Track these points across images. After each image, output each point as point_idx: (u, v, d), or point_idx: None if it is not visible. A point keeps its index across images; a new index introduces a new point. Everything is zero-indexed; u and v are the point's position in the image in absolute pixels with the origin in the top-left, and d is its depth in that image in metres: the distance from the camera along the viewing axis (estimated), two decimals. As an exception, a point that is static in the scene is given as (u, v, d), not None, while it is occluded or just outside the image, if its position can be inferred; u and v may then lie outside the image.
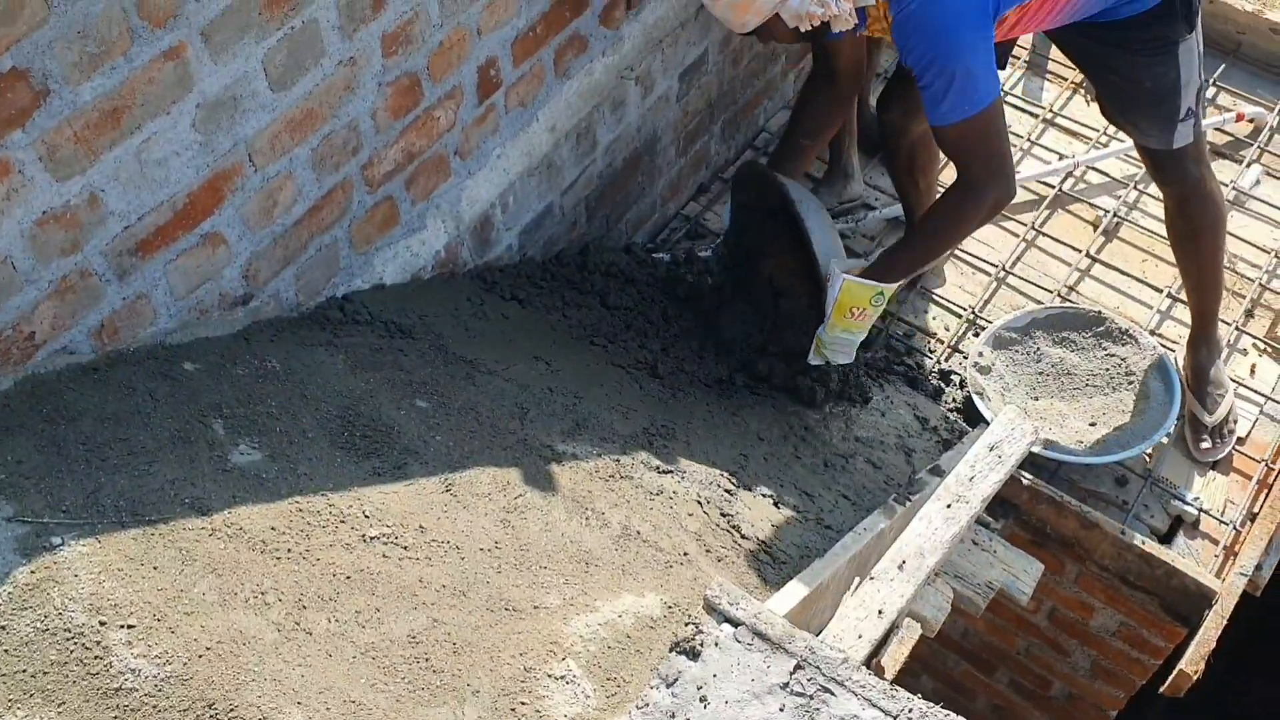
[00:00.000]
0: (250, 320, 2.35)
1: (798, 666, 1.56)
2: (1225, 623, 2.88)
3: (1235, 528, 3.06)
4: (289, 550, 1.81)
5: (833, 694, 1.53)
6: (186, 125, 2.00)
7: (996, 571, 2.76)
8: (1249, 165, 3.78)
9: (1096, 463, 3.06)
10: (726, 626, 1.61)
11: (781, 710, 1.52)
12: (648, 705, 1.55)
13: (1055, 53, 4.12)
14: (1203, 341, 3.16)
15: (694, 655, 1.58)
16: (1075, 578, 3.20)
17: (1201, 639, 2.88)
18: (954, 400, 3.21)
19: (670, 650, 1.59)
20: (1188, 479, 3.15)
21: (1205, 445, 3.15)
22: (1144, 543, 2.94)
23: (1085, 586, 3.21)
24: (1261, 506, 3.08)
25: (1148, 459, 3.17)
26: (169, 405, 2.02)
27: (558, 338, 2.80)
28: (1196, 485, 3.14)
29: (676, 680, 1.56)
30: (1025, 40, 4.16)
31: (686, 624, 1.62)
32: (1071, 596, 3.27)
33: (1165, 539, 3.09)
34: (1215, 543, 3.07)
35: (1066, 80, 4.04)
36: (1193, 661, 2.86)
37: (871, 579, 1.92)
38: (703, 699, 1.54)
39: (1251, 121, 3.87)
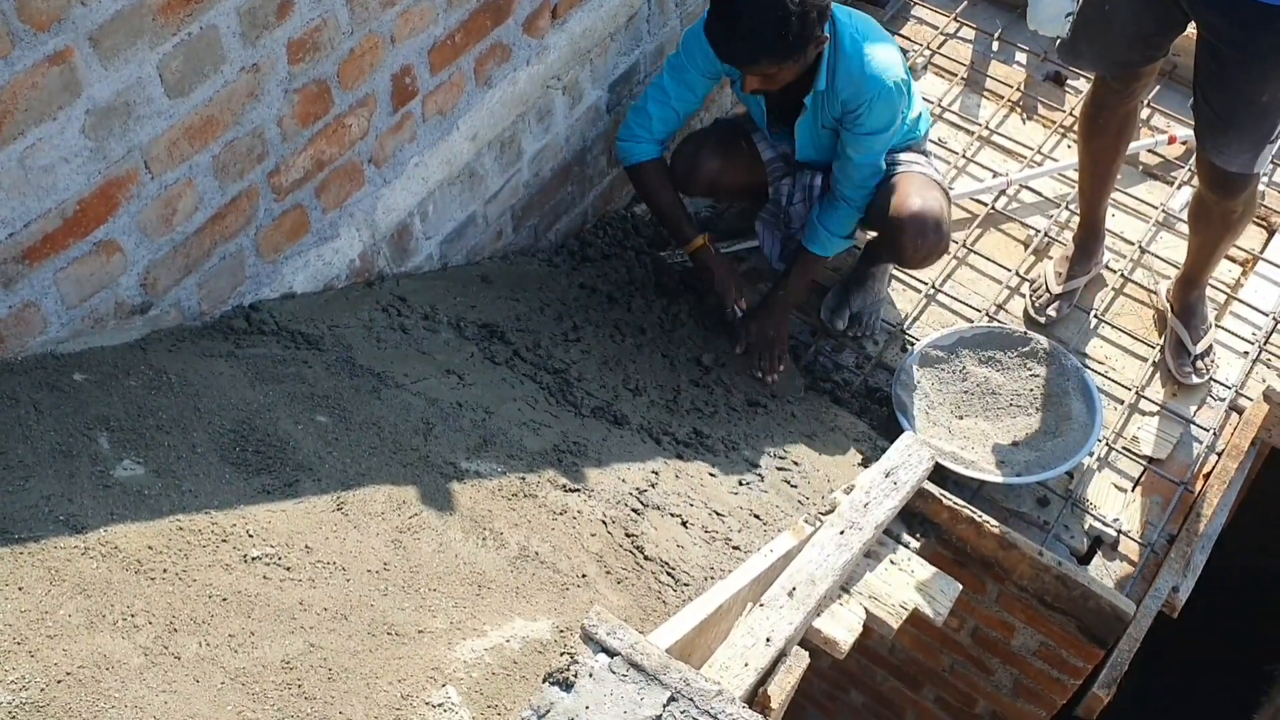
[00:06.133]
0: (150, 329, 2.30)
1: (671, 699, 1.53)
2: (1139, 645, 2.89)
3: (1153, 549, 3.07)
4: (164, 570, 1.77)
5: (705, 727, 1.50)
6: (75, 131, 1.95)
7: (912, 592, 2.75)
8: (1179, 187, 3.80)
9: (1018, 483, 3.07)
10: (602, 656, 1.58)
11: (653, 744, 1.50)
12: (517, 737, 1.52)
13: (993, 70, 4.14)
14: (1196, 284, 3.34)
15: (567, 686, 1.56)
16: (996, 597, 3.20)
17: (1115, 661, 2.88)
18: (878, 418, 3.20)
19: (544, 680, 1.56)
20: (1108, 500, 3.16)
21: (1188, 370, 3.33)
22: (1060, 564, 2.94)
23: (1006, 606, 3.21)
24: (1180, 528, 3.09)
25: (1069, 480, 3.17)
26: (53, 417, 1.97)
27: (476, 349, 2.76)
28: (1116, 506, 3.15)
29: (548, 712, 1.53)
30: (962, 57, 4.17)
31: (562, 653, 1.59)
32: (993, 616, 3.27)
33: (1085, 559, 3.09)
34: (1133, 564, 3.07)
35: (1003, 98, 4.04)
36: (1105, 684, 2.86)
37: (761, 606, 1.90)
38: (574, 731, 1.51)
39: (1184, 144, 3.89)
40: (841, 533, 2.02)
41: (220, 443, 2.08)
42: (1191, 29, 2.79)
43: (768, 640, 1.86)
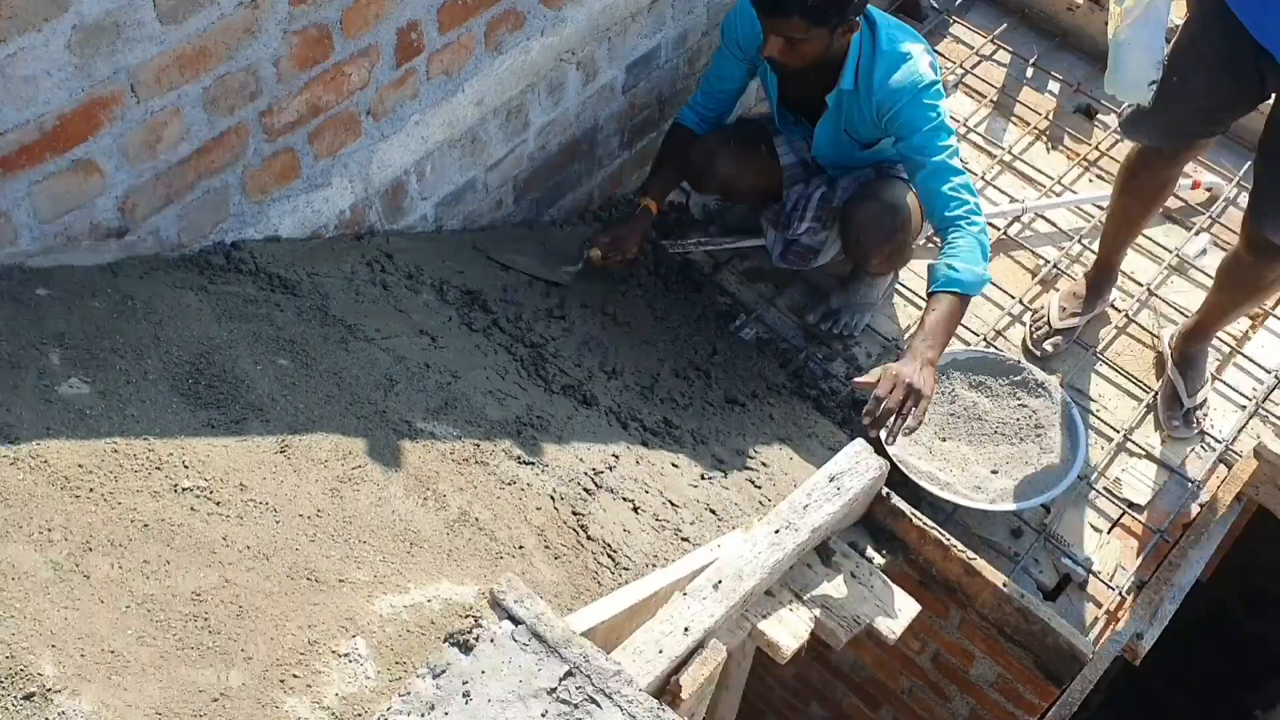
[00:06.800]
0: (125, 255, 2.30)
1: (569, 673, 1.51)
2: (1092, 687, 2.84)
3: (1121, 594, 3.02)
4: (91, 490, 1.76)
5: (598, 705, 1.48)
6: (60, 45, 1.95)
7: (868, 607, 2.71)
8: (1197, 233, 3.73)
9: (990, 510, 3.02)
10: (507, 623, 1.56)
11: (544, 716, 1.48)
12: (409, 694, 1.50)
13: (1024, 95, 4.08)
14: (1203, 338, 3.28)
15: (466, 649, 1.54)
16: (959, 624, 3.16)
17: (1065, 700, 2.84)
18: (860, 429, 3.16)
19: (444, 640, 1.54)
20: (1082, 539, 3.10)
21: (1176, 423, 3.26)
22: (1023, 597, 2.89)
23: (967, 634, 3.16)
24: (1151, 576, 3.03)
25: (1045, 513, 3.12)
26: (8, 328, 1.98)
27: (454, 314, 2.74)
28: (1090, 546, 3.09)
29: (444, 672, 1.52)
30: (995, 79, 4.12)
31: (465, 616, 1.57)
32: (954, 642, 3.23)
33: (1051, 596, 3.04)
34: (1099, 606, 3.02)
35: (1030, 125, 3.99)
36: (1051, 723, 2.82)
37: (684, 595, 1.87)
38: (466, 694, 1.50)
39: (1209, 190, 3.82)
40: (776, 531, 1.99)
41: (174, 373, 2.07)
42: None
43: (685, 630, 1.83)
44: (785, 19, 2.65)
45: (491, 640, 1.54)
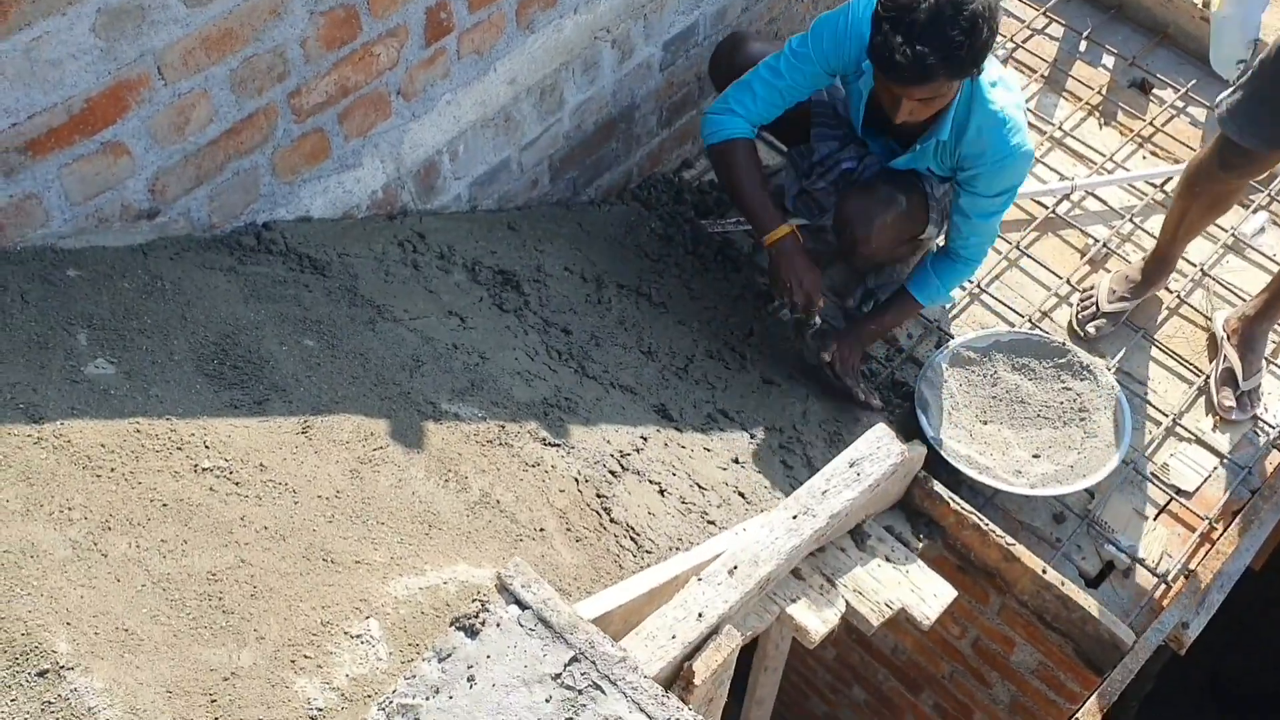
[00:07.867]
0: (156, 236, 2.32)
1: (574, 659, 1.51)
2: (1134, 676, 2.78)
3: (1167, 581, 2.95)
4: (112, 470, 1.78)
5: (603, 692, 1.47)
6: (85, 29, 1.96)
7: (903, 591, 2.68)
8: (1255, 211, 3.62)
9: (1031, 495, 2.96)
10: (513, 608, 1.56)
11: (548, 701, 1.47)
12: (415, 677, 1.51)
13: (1077, 70, 3.98)
14: (1267, 318, 3.20)
15: (473, 633, 1.54)
16: (998, 609, 3.11)
17: (1105, 690, 2.78)
18: (900, 412, 3.11)
19: (450, 624, 1.54)
20: (1127, 525, 3.03)
21: (1229, 403, 3.18)
22: (1063, 584, 2.84)
23: (1007, 620, 3.12)
24: (1199, 564, 2.96)
25: (1089, 499, 3.06)
26: (38, 309, 2.00)
27: (485, 294, 2.74)
28: (1135, 532, 3.02)
29: (449, 656, 1.52)
30: (1046, 53, 4.02)
31: (473, 600, 1.57)
32: (994, 628, 3.18)
33: (1094, 583, 2.98)
34: (1144, 594, 2.95)
35: (1082, 101, 3.89)
36: (1090, 712, 2.76)
37: (699, 580, 1.86)
38: (470, 679, 1.49)
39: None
40: (794, 517, 1.96)
41: (199, 353, 2.09)
42: None
43: (699, 615, 1.81)
44: (929, 84, 2.48)
45: (498, 625, 1.54)
